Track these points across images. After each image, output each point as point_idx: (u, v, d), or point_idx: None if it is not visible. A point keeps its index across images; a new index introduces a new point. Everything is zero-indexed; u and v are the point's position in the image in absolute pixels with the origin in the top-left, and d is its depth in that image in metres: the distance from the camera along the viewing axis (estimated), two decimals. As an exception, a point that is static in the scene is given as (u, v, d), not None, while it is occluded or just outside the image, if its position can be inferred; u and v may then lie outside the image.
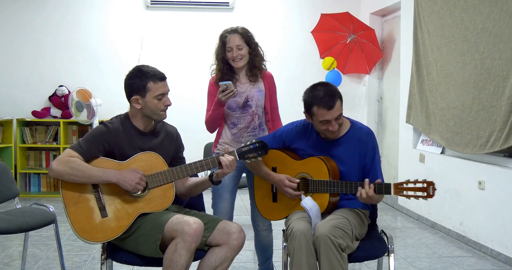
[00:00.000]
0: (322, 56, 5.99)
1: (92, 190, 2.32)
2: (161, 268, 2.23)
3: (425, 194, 2.29)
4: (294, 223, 2.38)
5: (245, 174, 3.02)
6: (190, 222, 2.20)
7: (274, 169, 2.65)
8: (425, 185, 2.29)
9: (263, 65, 2.99)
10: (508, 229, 3.64)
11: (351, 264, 2.43)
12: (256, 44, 2.94)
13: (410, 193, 2.32)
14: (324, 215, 2.47)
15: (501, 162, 3.84)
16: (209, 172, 2.53)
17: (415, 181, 2.31)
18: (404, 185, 2.33)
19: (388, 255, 2.49)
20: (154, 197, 2.35)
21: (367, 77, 6.19)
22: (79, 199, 2.31)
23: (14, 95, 6.05)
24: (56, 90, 6.03)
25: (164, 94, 2.39)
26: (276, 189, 2.66)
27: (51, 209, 3.10)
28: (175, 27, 6.21)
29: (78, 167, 2.26)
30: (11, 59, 6.05)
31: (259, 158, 2.44)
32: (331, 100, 2.38)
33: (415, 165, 4.98)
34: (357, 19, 5.69)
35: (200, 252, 2.32)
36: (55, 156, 6.01)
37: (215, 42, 2.98)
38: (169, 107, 2.43)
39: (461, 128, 4.07)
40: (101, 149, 2.35)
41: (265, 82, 2.99)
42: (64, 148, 5.72)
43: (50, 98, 6.04)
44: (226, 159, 2.36)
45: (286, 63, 6.35)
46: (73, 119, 5.80)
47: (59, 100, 6.00)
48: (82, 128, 6.04)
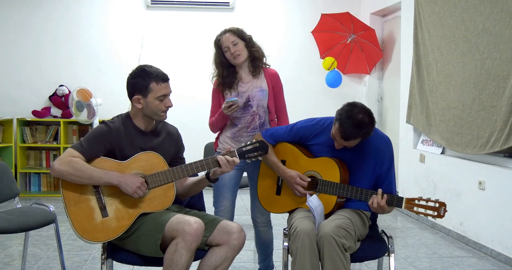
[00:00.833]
0: (323, 56, 5.99)
1: (93, 190, 2.32)
2: (162, 268, 2.23)
3: (436, 213, 2.29)
4: (298, 222, 2.38)
5: (246, 173, 3.02)
6: (190, 221, 2.20)
7: (284, 162, 2.64)
8: (437, 205, 2.29)
9: (263, 58, 2.99)
10: (508, 229, 3.64)
11: (351, 264, 2.43)
12: (249, 37, 2.95)
13: (421, 210, 2.31)
14: (327, 215, 2.47)
15: (501, 162, 3.84)
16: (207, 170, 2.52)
17: (428, 200, 2.31)
18: (416, 202, 2.33)
19: (389, 255, 2.49)
20: (154, 197, 2.35)
21: (367, 77, 6.20)
22: (80, 199, 2.31)
23: (14, 94, 6.05)
24: (56, 89, 6.03)
25: (166, 95, 2.39)
26: (282, 182, 2.65)
27: (51, 209, 3.09)
28: (175, 27, 6.21)
29: (80, 168, 2.26)
30: (12, 59, 6.05)
31: (259, 158, 2.44)
32: (352, 135, 2.33)
33: (415, 165, 4.98)
34: (358, 19, 5.69)
35: (200, 252, 2.32)
36: (55, 156, 6.01)
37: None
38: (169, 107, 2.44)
39: (461, 128, 4.07)
40: (102, 149, 2.35)
41: (269, 80, 2.98)
42: (65, 148, 5.74)
43: (51, 97, 6.04)
44: (224, 157, 2.37)
45: (286, 63, 6.35)
46: (73, 118, 5.80)
47: (59, 99, 6.00)
48: (83, 128, 6.04)
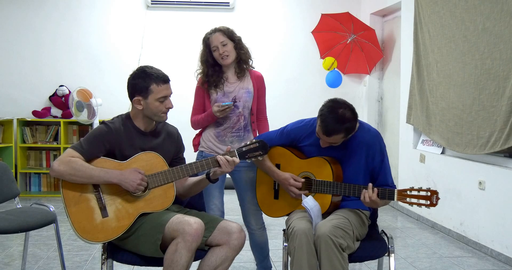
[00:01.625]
0: (323, 56, 5.99)
1: (93, 190, 2.32)
2: (162, 268, 2.23)
3: (428, 202, 2.29)
4: (295, 222, 2.38)
5: (229, 176, 2.96)
6: (190, 222, 2.20)
7: (278, 166, 2.65)
8: (429, 193, 2.29)
9: (250, 60, 2.98)
10: (508, 229, 3.64)
11: (351, 264, 2.43)
12: (239, 38, 2.95)
13: (413, 200, 2.32)
14: (325, 215, 2.48)
15: (501, 162, 3.84)
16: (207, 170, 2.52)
17: (419, 189, 2.31)
18: (407, 192, 2.33)
19: (389, 255, 2.49)
20: (154, 197, 2.36)
21: (367, 77, 6.20)
22: (80, 199, 2.31)
23: (14, 95, 6.05)
24: (56, 90, 6.03)
25: (166, 97, 2.39)
26: (278, 186, 2.67)
27: (51, 209, 3.09)
28: (175, 27, 6.21)
29: (79, 168, 2.26)
30: (12, 59, 6.06)
31: (259, 158, 2.44)
32: (333, 130, 2.34)
33: (415, 165, 4.98)
34: (358, 19, 5.69)
35: (200, 252, 2.32)
36: (55, 156, 6.01)
37: None
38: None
39: (461, 128, 4.07)
40: (102, 149, 2.35)
41: (254, 82, 2.98)
42: (65, 148, 5.74)
43: (51, 98, 6.05)
44: (224, 158, 2.37)
45: (287, 63, 6.36)
46: (73, 119, 5.80)
47: (59, 100, 6.00)
48: (83, 128, 6.04)
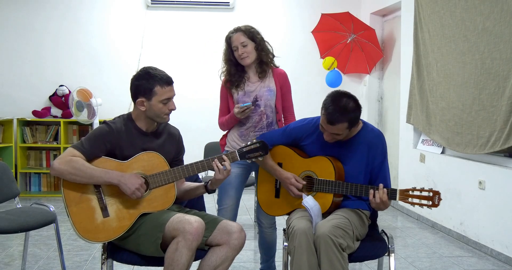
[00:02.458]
0: (323, 56, 5.99)
1: (94, 190, 2.32)
2: (162, 268, 2.23)
3: (430, 203, 2.29)
4: (295, 222, 2.39)
5: (254, 172, 3.02)
6: (191, 220, 2.20)
7: (280, 165, 2.64)
8: (431, 194, 2.29)
9: (271, 60, 2.98)
10: (508, 229, 3.64)
11: (351, 264, 2.43)
12: (261, 39, 2.94)
13: (415, 200, 2.31)
14: (325, 214, 2.48)
15: (501, 162, 3.84)
16: (207, 179, 2.52)
17: (421, 189, 2.31)
18: (410, 192, 2.33)
19: (389, 255, 2.49)
20: (155, 197, 2.35)
21: (367, 77, 6.20)
22: (81, 199, 2.30)
23: (14, 94, 6.05)
24: (56, 89, 6.03)
25: (170, 99, 2.39)
26: (279, 185, 2.66)
27: (51, 209, 3.10)
28: (175, 27, 6.21)
29: (80, 167, 2.25)
30: (12, 59, 6.06)
31: (259, 158, 2.44)
32: (336, 119, 2.34)
33: (415, 165, 4.98)
34: (358, 19, 5.69)
35: (200, 252, 2.32)
36: (55, 156, 6.01)
37: (216, 41, 2.99)
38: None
39: (461, 128, 4.07)
40: (103, 149, 2.35)
41: (277, 80, 2.98)
42: (65, 148, 5.74)
43: (51, 97, 6.05)
44: (219, 164, 2.36)
45: (287, 63, 6.29)
46: (73, 118, 5.80)
47: (59, 99, 6.00)
48: (83, 128, 6.04)
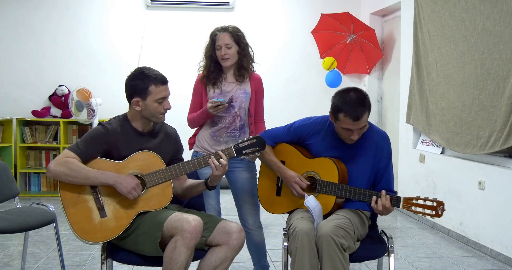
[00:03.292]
0: (322, 56, 5.99)
1: (90, 191, 2.32)
2: (161, 267, 2.23)
3: (434, 213, 2.28)
4: (296, 222, 2.38)
5: (224, 176, 2.96)
6: (189, 219, 2.20)
7: (283, 163, 2.63)
8: (435, 204, 2.28)
9: (251, 67, 2.97)
10: (508, 229, 3.64)
11: (351, 264, 2.43)
12: (246, 44, 2.93)
13: (419, 209, 2.30)
14: (326, 215, 2.47)
15: (501, 162, 3.84)
16: (206, 176, 2.51)
17: (426, 199, 2.30)
18: (413, 201, 2.32)
19: (388, 255, 2.49)
20: (152, 196, 2.35)
21: (367, 77, 6.19)
22: (78, 200, 2.31)
23: (14, 94, 6.05)
24: (56, 89, 6.02)
25: (165, 98, 2.39)
26: (281, 182, 2.65)
27: (51, 209, 3.10)
28: (175, 27, 6.21)
29: (75, 168, 2.26)
30: (11, 59, 6.05)
31: (257, 154, 2.43)
32: (359, 111, 2.33)
33: (415, 165, 4.98)
34: (357, 19, 5.68)
35: (200, 252, 2.32)
36: (55, 156, 6.00)
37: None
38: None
39: (461, 128, 4.07)
40: (99, 150, 2.35)
41: (253, 84, 2.97)
42: (64, 148, 5.72)
43: (50, 97, 6.04)
44: (215, 160, 2.36)
45: (286, 63, 6.35)
46: (73, 118, 5.80)
47: (59, 99, 6.00)
48: (82, 128, 6.04)
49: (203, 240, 2.30)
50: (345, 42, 5.84)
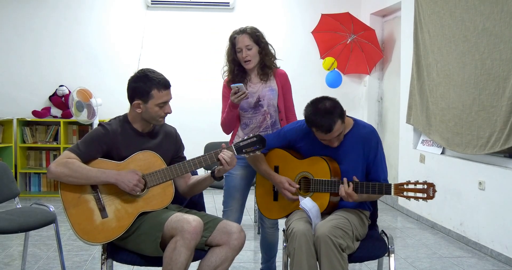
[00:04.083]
0: (323, 56, 5.99)
1: (91, 191, 2.32)
2: (161, 267, 2.23)
3: (425, 195, 2.30)
4: (294, 223, 2.39)
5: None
6: (189, 220, 2.20)
7: (277, 168, 2.65)
8: (425, 186, 2.30)
9: (274, 64, 2.98)
10: (508, 229, 3.64)
11: (351, 264, 2.43)
12: (265, 42, 2.93)
13: (411, 194, 2.32)
14: (324, 215, 2.48)
15: (501, 163, 3.84)
16: (212, 168, 2.52)
17: (416, 182, 2.32)
18: (404, 186, 2.33)
19: (388, 255, 2.49)
20: (153, 196, 2.36)
21: (367, 77, 6.19)
22: (79, 201, 2.31)
23: (14, 94, 6.05)
24: (56, 90, 6.03)
25: (166, 102, 2.39)
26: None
27: (51, 209, 3.10)
28: (175, 27, 6.21)
29: (76, 169, 2.26)
30: (11, 59, 6.06)
31: (257, 152, 2.44)
32: (329, 124, 2.35)
33: (415, 165, 4.98)
34: (358, 19, 5.68)
35: (200, 252, 2.32)
36: (55, 156, 6.00)
37: (216, 42, 2.97)
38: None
39: (461, 128, 4.07)
40: (99, 151, 2.35)
41: (278, 80, 2.97)
42: (65, 148, 5.73)
43: (51, 97, 6.04)
44: (225, 155, 2.36)
45: (287, 63, 6.26)
46: (73, 119, 5.80)
47: (59, 100, 6.00)
48: (83, 128, 6.04)
49: (204, 240, 2.30)
50: (346, 42, 5.83)
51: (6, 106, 6.02)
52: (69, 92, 5.93)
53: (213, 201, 3.44)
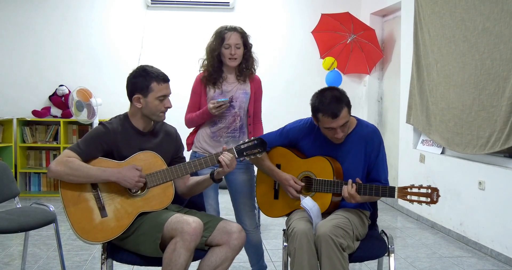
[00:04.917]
0: (323, 56, 5.99)
1: (91, 190, 2.32)
2: (161, 268, 2.23)
3: (429, 199, 2.29)
4: (295, 223, 2.38)
5: (224, 177, 2.98)
6: (189, 221, 2.20)
7: (279, 166, 2.65)
8: (429, 190, 2.29)
9: (254, 68, 2.98)
10: (508, 229, 3.64)
11: (351, 264, 2.43)
12: (251, 46, 2.94)
13: (414, 198, 2.31)
14: (325, 215, 2.48)
15: (501, 163, 3.84)
16: (211, 171, 2.52)
17: (420, 186, 2.31)
18: (408, 190, 2.33)
19: (388, 255, 2.49)
20: (153, 196, 2.36)
21: (367, 77, 6.20)
22: (79, 200, 2.31)
23: (14, 94, 6.05)
24: (56, 89, 6.03)
25: (166, 96, 2.40)
26: (278, 186, 2.66)
27: (51, 209, 3.10)
28: (175, 27, 6.21)
29: (76, 167, 2.26)
30: (12, 59, 6.05)
31: (258, 155, 2.44)
32: (336, 108, 2.35)
33: (415, 165, 4.98)
34: (358, 19, 5.68)
35: (200, 252, 2.32)
36: (55, 156, 6.00)
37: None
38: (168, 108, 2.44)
39: (461, 128, 4.07)
40: (100, 150, 2.35)
41: (252, 85, 2.98)
42: (64, 148, 5.72)
43: (51, 97, 6.04)
44: (225, 158, 2.37)
45: (286, 63, 6.36)
46: (73, 118, 5.80)
47: (59, 99, 6.00)
48: (82, 128, 6.04)
49: (203, 240, 2.30)
50: (345, 42, 5.84)
51: (6, 106, 6.02)
52: (69, 91, 5.92)
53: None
